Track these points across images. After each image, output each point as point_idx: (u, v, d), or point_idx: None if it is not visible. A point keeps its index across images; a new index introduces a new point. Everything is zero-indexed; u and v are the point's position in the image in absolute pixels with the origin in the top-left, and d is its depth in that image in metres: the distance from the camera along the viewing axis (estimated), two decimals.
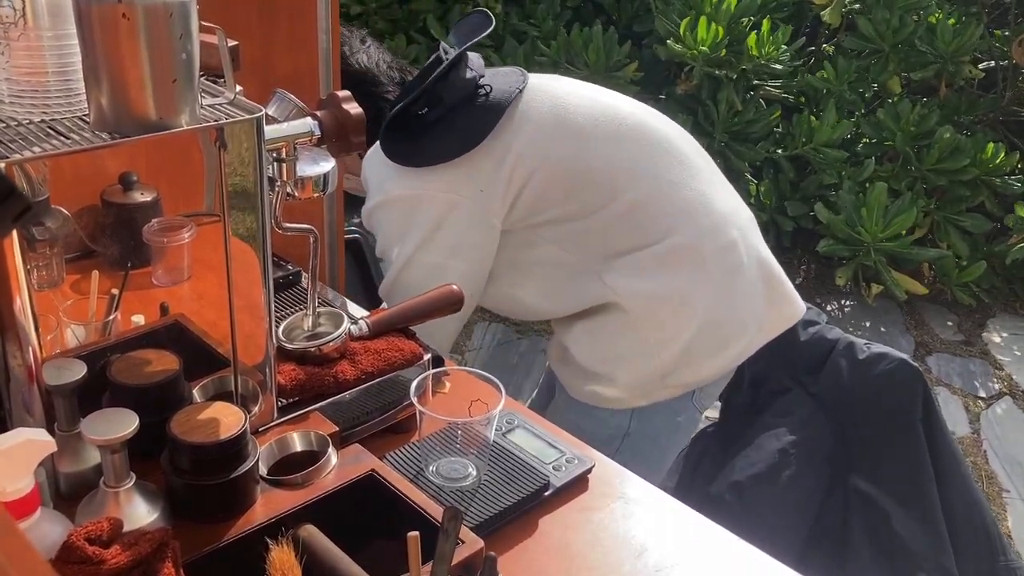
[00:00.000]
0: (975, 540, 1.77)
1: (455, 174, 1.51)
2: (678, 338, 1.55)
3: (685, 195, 1.58)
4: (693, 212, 1.57)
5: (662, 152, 1.59)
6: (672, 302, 1.55)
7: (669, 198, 1.57)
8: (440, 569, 0.84)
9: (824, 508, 1.79)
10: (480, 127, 1.51)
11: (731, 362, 1.60)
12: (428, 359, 1.23)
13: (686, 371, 1.57)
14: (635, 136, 1.59)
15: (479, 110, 1.53)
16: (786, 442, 1.79)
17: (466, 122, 1.52)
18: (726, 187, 1.67)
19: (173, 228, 1.02)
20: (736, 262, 1.58)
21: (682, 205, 1.57)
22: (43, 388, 0.95)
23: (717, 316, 1.55)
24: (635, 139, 1.58)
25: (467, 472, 1.12)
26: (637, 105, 1.66)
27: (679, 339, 1.55)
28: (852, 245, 3.53)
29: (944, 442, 1.75)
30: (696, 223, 1.56)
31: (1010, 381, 3.38)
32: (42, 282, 0.94)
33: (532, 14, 4.13)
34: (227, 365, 1.07)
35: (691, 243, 1.55)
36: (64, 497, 0.99)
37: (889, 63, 3.81)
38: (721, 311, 1.56)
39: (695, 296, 1.55)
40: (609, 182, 1.55)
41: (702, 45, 3.60)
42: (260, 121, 0.97)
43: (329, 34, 1.64)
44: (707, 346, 1.56)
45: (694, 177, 1.60)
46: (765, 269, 1.63)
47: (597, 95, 1.64)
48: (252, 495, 1.00)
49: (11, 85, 0.93)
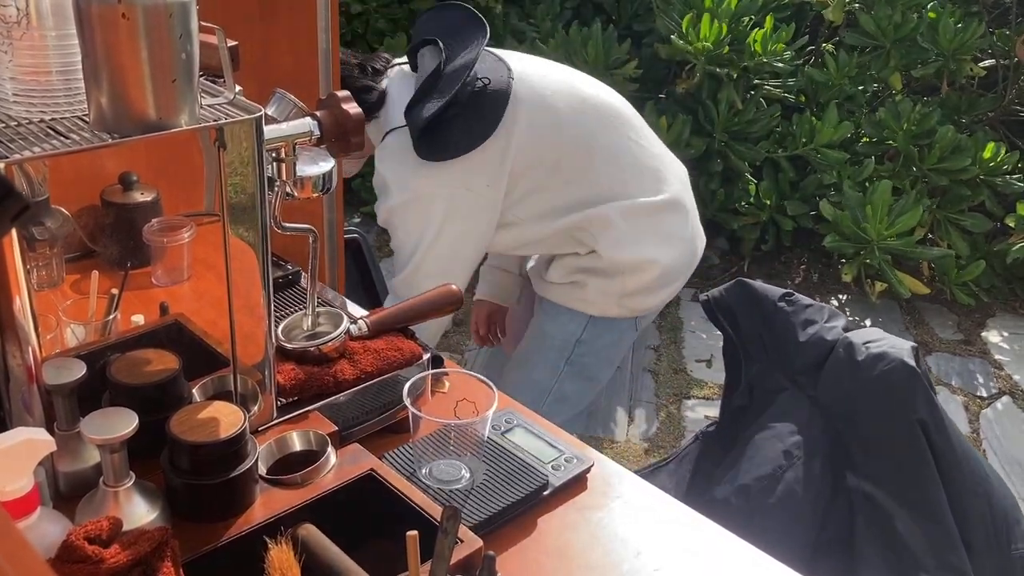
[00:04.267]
0: (988, 534, 1.76)
1: (467, 169, 1.73)
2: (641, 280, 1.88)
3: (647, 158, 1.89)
4: (655, 171, 1.89)
5: (620, 122, 1.88)
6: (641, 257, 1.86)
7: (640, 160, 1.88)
8: (439, 568, 0.84)
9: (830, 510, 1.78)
10: (491, 120, 1.73)
11: (672, 294, 1.98)
12: (427, 359, 1.23)
13: (639, 299, 1.92)
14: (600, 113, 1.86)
15: (487, 104, 1.74)
16: (788, 444, 1.78)
17: (477, 116, 1.73)
18: (664, 148, 2.00)
19: (173, 228, 1.02)
20: (684, 212, 1.93)
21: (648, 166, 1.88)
22: (43, 387, 0.95)
23: (671, 261, 1.89)
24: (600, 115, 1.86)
25: (460, 474, 1.12)
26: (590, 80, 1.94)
27: (642, 280, 1.88)
28: (856, 242, 3.52)
29: (947, 438, 1.74)
30: (659, 182, 1.89)
31: (1010, 381, 3.38)
32: (42, 282, 0.94)
33: (532, 14, 4.13)
34: (226, 365, 1.07)
35: (658, 199, 1.87)
36: (63, 496, 0.99)
37: (890, 59, 3.81)
38: (674, 256, 1.90)
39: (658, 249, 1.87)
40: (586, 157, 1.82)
41: (704, 42, 3.60)
42: (259, 121, 0.97)
43: (329, 34, 1.64)
44: (659, 284, 1.91)
45: (647, 140, 1.92)
46: (695, 214, 2.00)
47: (564, 76, 1.89)
48: (251, 494, 1.00)
49: (15, 84, 0.94)
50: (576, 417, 2.05)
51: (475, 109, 1.73)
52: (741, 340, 1.91)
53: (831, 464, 1.79)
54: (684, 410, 3.10)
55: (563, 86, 1.84)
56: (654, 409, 3.11)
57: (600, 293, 1.90)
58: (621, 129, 1.87)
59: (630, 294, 1.89)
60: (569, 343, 1.95)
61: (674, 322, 3.63)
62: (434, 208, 1.74)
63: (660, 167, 1.91)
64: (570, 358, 1.96)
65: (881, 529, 1.73)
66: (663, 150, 1.98)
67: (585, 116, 1.83)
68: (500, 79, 1.76)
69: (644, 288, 1.89)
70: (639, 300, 1.92)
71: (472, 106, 1.72)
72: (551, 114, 1.79)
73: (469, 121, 1.72)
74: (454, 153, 1.71)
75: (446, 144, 1.71)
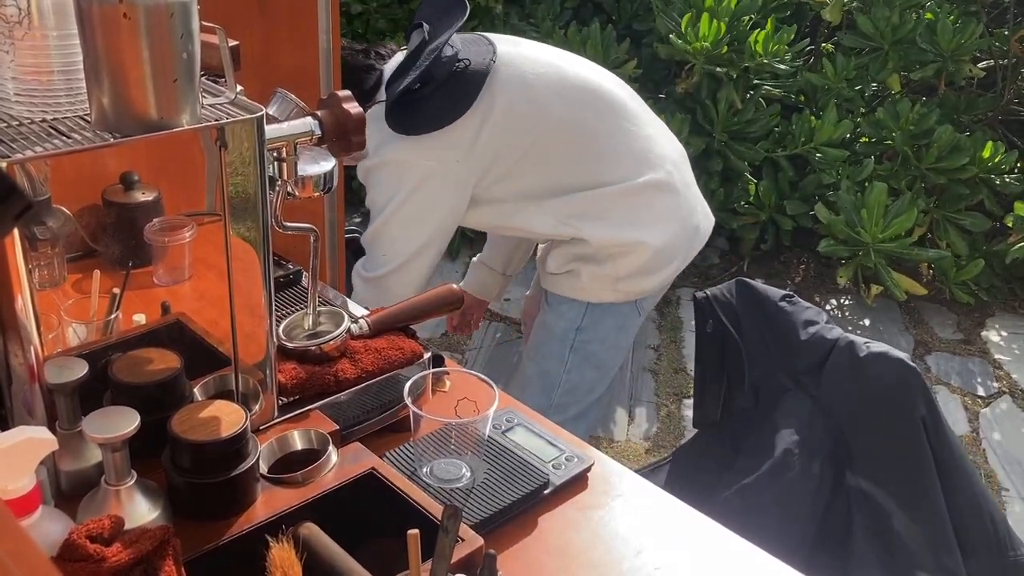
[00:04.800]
0: (982, 537, 1.76)
1: (439, 144, 1.79)
2: (633, 263, 1.90)
3: (632, 141, 1.90)
4: (640, 154, 1.90)
5: (606, 107, 1.90)
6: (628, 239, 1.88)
7: (624, 144, 1.89)
8: (440, 567, 0.84)
9: (829, 510, 1.78)
10: (464, 100, 1.78)
11: (670, 276, 1.99)
12: (428, 358, 1.24)
13: (634, 282, 1.93)
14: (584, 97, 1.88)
15: (462, 83, 1.79)
16: (788, 443, 1.79)
17: (451, 95, 1.79)
18: (660, 126, 2.01)
19: (174, 227, 1.02)
20: (673, 192, 1.93)
21: (631, 151, 1.89)
22: (45, 387, 0.95)
23: (662, 242, 1.90)
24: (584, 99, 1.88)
25: (461, 473, 1.12)
26: (582, 64, 1.97)
27: (634, 263, 1.90)
28: (852, 246, 3.53)
29: (946, 440, 1.75)
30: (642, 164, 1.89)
31: (1009, 380, 3.39)
32: (44, 281, 0.95)
33: (532, 13, 4.13)
34: (228, 364, 1.07)
35: (639, 182, 1.88)
36: (65, 495, 0.99)
37: (889, 61, 3.81)
38: (666, 237, 1.90)
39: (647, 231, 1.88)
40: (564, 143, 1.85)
41: (704, 41, 3.60)
42: (261, 121, 0.97)
43: (329, 33, 1.64)
44: (653, 266, 1.91)
45: (637, 123, 1.93)
46: (692, 193, 2.01)
47: (553, 59, 1.92)
48: (253, 493, 1.00)
49: (17, 84, 0.94)
50: (590, 407, 2.07)
51: (451, 88, 1.78)
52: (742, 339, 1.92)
53: (831, 463, 1.79)
54: (684, 409, 3.10)
55: (549, 69, 1.87)
56: (654, 408, 3.11)
57: (594, 279, 1.93)
58: (607, 114, 1.89)
59: (623, 278, 1.92)
60: (570, 332, 1.98)
61: (674, 322, 3.63)
62: (405, 175, 1.81)
63: (647, 148, 1.92)
64: (573, 346, 1.98)
65: (879, 528, 1.74)
66: (656, 130, 1.98)
67: (567, 100, 1.86)
68: (481, 61, 1.81)
69: (637, 271, 1.91)
70: (634, 283, 1.94)
71: (448, 85, 1.78)
72: (530, 96, 1.82)
73: (443, 100, 1.78)
74: (424, 128, 1.78)
75: (416, 119, 1.78)
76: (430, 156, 1.80)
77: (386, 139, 1.81)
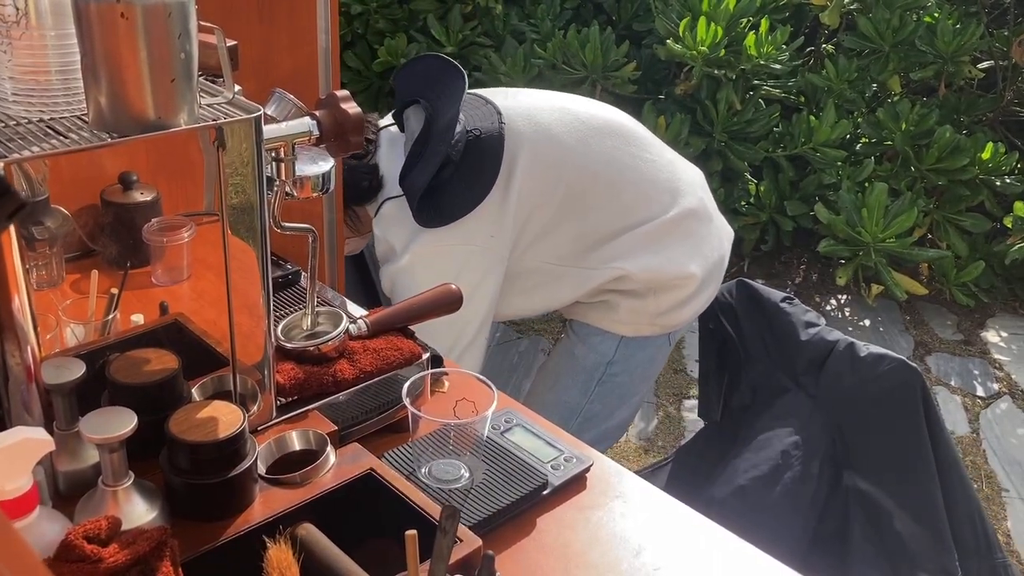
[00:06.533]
0: (975, 538, 1.77)
1: (469, 226, 1.67)
2: (678, 296, 1.81)
3: (658, 172, 1.81)
4: (668, 184, 1.81)
5: (623, 140, 1.80)
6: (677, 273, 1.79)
7: (652, 174, 1.80)
8: (438, 567, 0.84)
9: (827, 510, 1.79)
10: (489, 173, 1.67)
11: (704, 305, 1.89)
12: (427, 359, 1.23)
13: (673, 315, 1.84)
14: (602, 133, 1.78)
15: (479, 156, 1.67)
16: (787, 443, 1.79)
17: (473, 171, 1.67)
18: (676, 154, 1.92)
19: (172, 228, 1.02)
20: (707, 217, 1.86)
21: (660, 181, 1.81)
22: (42, 387, 0.95)
23: (699, 272, 1.81)
24: (603, 136, 1.78)
25: (459, 474, 1.12)
26: (585, 100, 1.87)
27: (678, 296, 1.81)
28: (852, 245, 3.53)
29: (944, 442, 1.75)
30: (675, 194, 1.81)
31: (1009, 381, 3.38)
32: (41, 281, 0.94)
33: (532, 14, 4.13)
34: (226, 364, 1.07)
35: (676, 213, 1.79)
36: (62, 496, 0.99)
37: (889, 62, 3.81)
38: (707, 265, 1.83)
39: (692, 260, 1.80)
40: (593, 185, 1.75)
41: (701, 45, 3.60)
42: (259, 121, 0.97)
43: (328, 34, 1.64)
44: (692, 296, 1.83)
45: (655, 152, 1.84)
46: (719, 216, 1.93)
47: (556, 101, 1.81)
48: (250, 494, 1.00)
49: (15, 84, 0.94)
50: (610, 431, 1.98)
51: (470, 164, 1.66)
52: (742, 340, 1.92)
53: (830, 463, 1.79)
54: (683, 410, 3.10)
55: (557, 111, 1.77)
56: (653, 409, 3.11)
57: (632, 313, 1.82)
58: (625, 148, 1.79)
59: (664, 312, 1.82)
60: (600, 365, 1.88)
61: None
62: (440, 267, 1.66)
63: (673, 177, 1.83)
64: (601, 379, 1.89)
65: (877, 528, 1.74)
66: (674, 156, 1.89)
67: (585, 136, 1.75)
68: (491, 126, 1.69)
69: (678, 303, 1.82)
70: (673, 316, 1.84)
71: (467, 162, 1.66)
72: (550, 141, 1.72)
73: (466, 179, 1.66)
74: (458, 215, 1.65)
75: (442, 209, 1.65)
76: (460, 240, 1.67)
77: (412, 235, 1.68)
